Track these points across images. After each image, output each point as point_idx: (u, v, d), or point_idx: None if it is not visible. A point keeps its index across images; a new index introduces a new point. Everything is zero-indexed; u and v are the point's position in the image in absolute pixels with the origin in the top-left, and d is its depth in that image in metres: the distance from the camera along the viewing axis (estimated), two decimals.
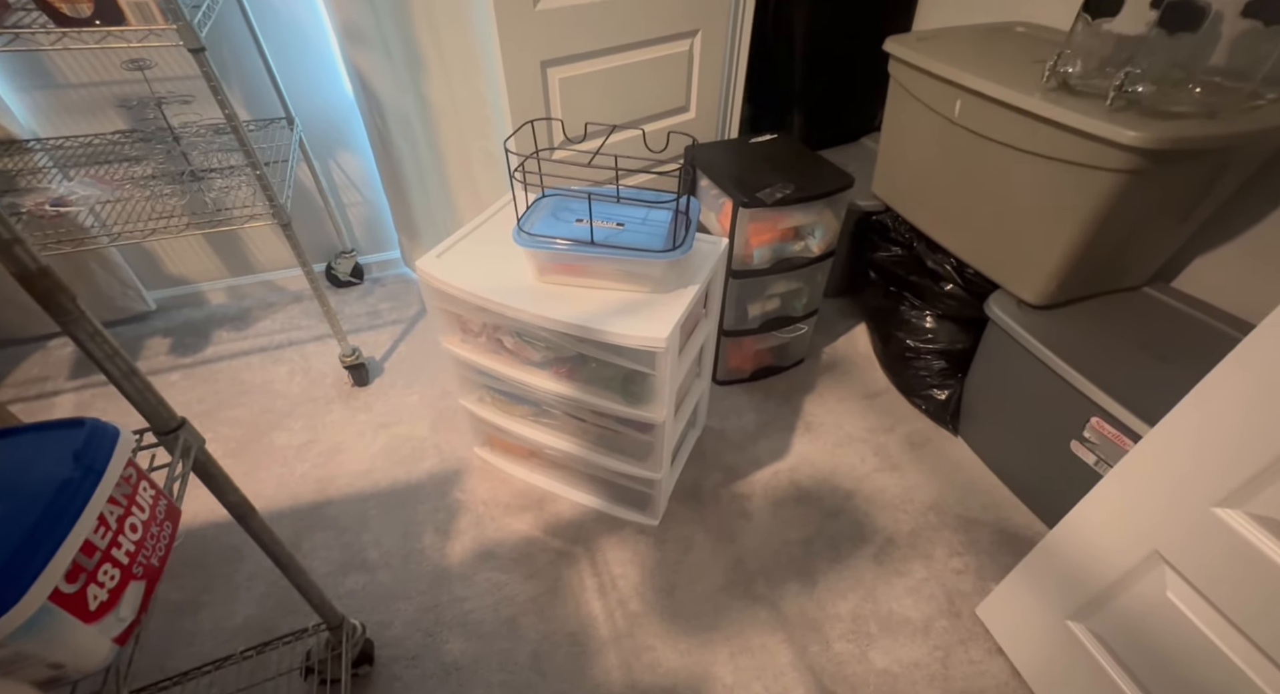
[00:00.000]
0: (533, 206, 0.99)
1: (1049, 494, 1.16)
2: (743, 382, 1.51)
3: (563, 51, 1.21)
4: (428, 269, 0.97)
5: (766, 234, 1.26)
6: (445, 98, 1.38)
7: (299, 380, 1.46)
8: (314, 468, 1.27)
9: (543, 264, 0.95)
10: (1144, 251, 1.12)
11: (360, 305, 1.70)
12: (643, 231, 0.94)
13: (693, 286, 0.96)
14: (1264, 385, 0.60)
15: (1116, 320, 1.12)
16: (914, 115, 1.28)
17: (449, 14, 1.23)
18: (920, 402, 1.40)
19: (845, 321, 1.67)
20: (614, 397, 1.01)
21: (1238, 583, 0.64)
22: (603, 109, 1.36)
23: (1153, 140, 0.86)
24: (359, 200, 1.65)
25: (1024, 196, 1.08)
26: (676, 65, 1.41)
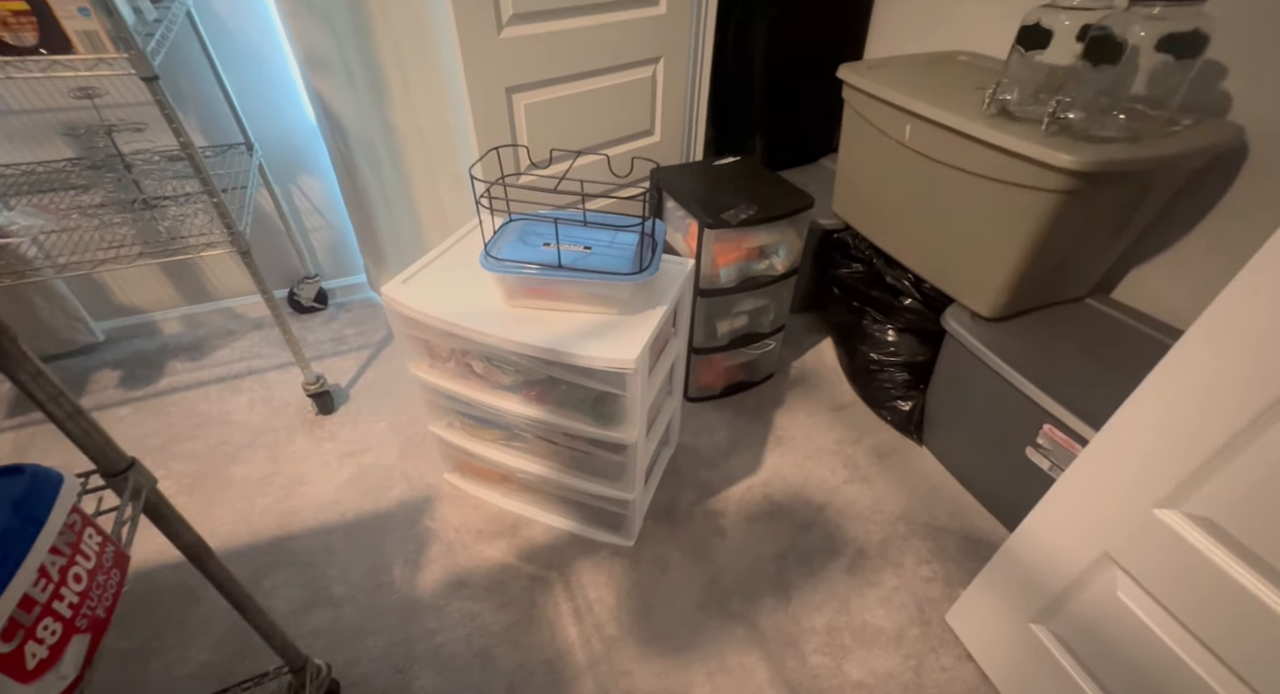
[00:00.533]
0: (500, 231, 0.99)
1: (1009, 499, 1.21)
2: (714, 398, 1.53)
3: (527, 78, 1.23)
4: (393, 295, 0.96)
5: (732, 253, 1.29)
6: (410, 123, 1.38)
7: (259, 410, 1.41)
8: (275, 501, 1.22)
9: (511, 288, 0.95)
10: (1084, 265, 1.19)
11: (325, 331, 1.66)
12: (610, 254, 0.96)
13: (660, 307, 0.97)
14: (1189, 392, 0.64)
15: (1063, 330, 1.18)
16: (868, 138, 1.34)
17: (413, 41, 1.24)
18: (885, 413, 1.44)
19: (812, 336, 1.71)
20: (585, 418, 1.01)
21: (1181, 582, 0.68)
22: (569, 133, 1.38)
23: (1084, 163, 0.92)
24: (323, 225, 1.63)
25: (972, 215, 1.14)
26: (640, 91, 1.45)
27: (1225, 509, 0.64)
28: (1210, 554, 0.64)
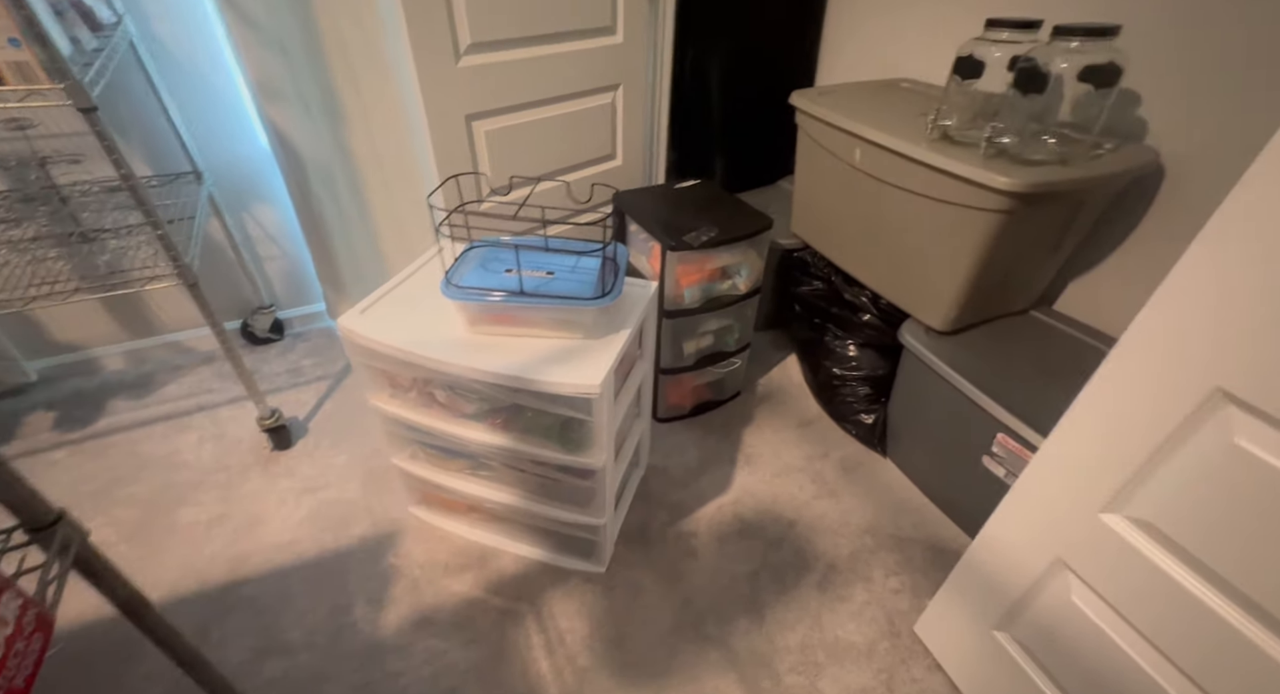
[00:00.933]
0: (461, 258, 0.99)
1: (969, 508, 1.24)
2: (683, 418, 1.53)
3: (487, 106, 1.24)
4: (351, 326, 0.93)
5: (695, 274, 1.31)
6: (369, 149, 1.37)
7: (210, 449, 1.35)
8: (227, 545, 1.16)
9: (473, 315, 0.94)
10: (1026, 279, 1.25)
11: (281, 363, 1.61)
12: (573, 279, 0.96)
13: (625, 331, 0.97)
14: (1121, 401, 0.68)
15: (1011, 342, 1.23)
16: (821, 161, 1.40)
17: (370, 67, 1.23)
18: (850, 427, 1.47)
19: (777, 353, 1.74)
20: (552, 445, 1.00)
21: (1129, 585, 0.70)
22: (531, 159, 1.39)
23: (1019, 185, 0.97)
24: (278, 254, 1.58)
25: (921, 234, 1.19)
26: (601, 117, 1.47)
27: (1163, 512, 0.67)
28: (1153, 557, 0.68)
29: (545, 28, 1.25)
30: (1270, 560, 0.59)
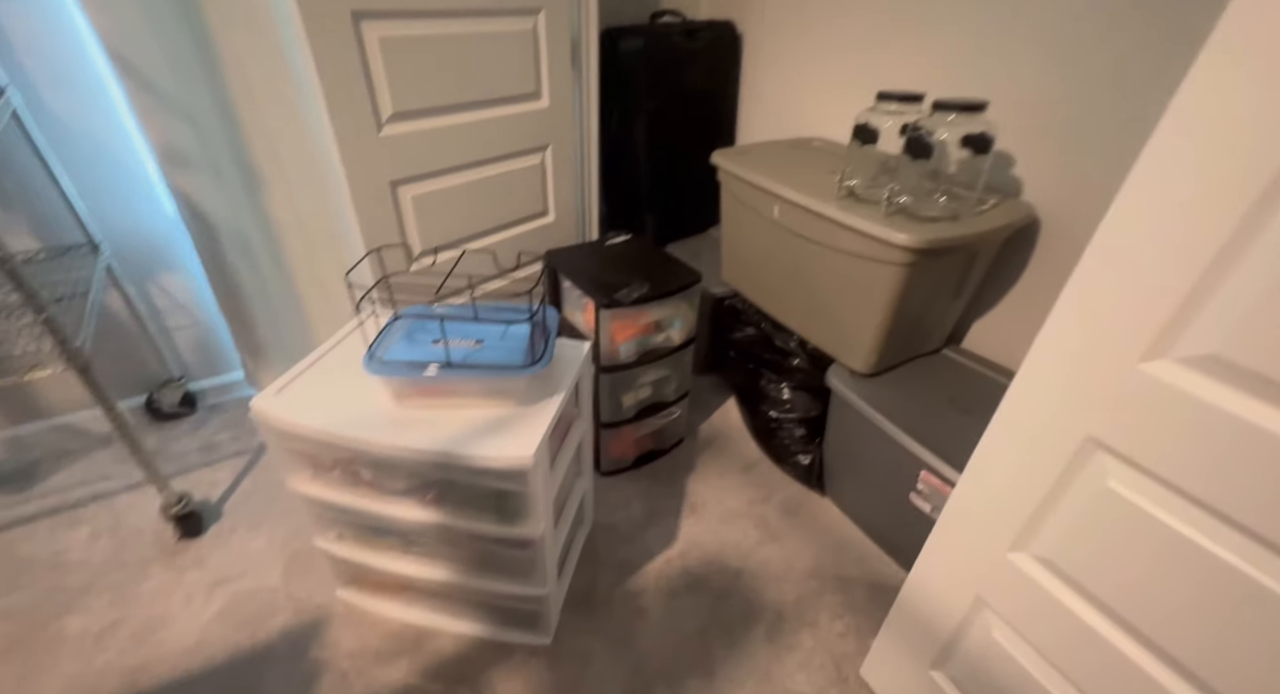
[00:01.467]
0: (385, 330, 0.96)
1: (903, 543, 1.29)
2: (627, 469, 1.53)
3: (412, 171, 1.24)
4: (266, 409, 0.88)
5: (629, 329, 1.33)
6: (290, 214, 1.33)
7: (104, 544, 1.22)
8: (121, 655, 1.04)
9: (399, 390, 0.92)
10: (935, 322, 1.35)
11: (192, 439, 1.49)
12: (502, 347, 0.96)
13: (558, 395, 0.97)
14: (1016, 446, 0.73)
15: (927, 381, 1.31)
16: (743, 216, 1.47)
17: (288, 134, 1.21)
18: (789, 468, 1.51)
19: (717, 396, 1.78)
20: (488, 517, 0.97)
21: (1039, 621, 0.75)
22: (461, 220, 1.39)
23: (917, 241, 1.06)
24: (189, 322, 1.49)
25: (838, 283, 1.27)
26: (531, 176, 1.50)
27: (1060, 551, 0.72)
28: (1056, 593, 0.72)
29: (470, 96, 1.27)
30: (1149, 593, 0.64)
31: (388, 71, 1.10)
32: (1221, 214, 0.51)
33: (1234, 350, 0.53)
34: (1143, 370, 0.60)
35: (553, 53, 1.37)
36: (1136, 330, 0.59)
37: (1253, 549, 0.56)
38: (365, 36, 1.05)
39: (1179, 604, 0.62)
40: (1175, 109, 0.52)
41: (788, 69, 1.70)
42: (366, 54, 1.07)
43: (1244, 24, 0.48)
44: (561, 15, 1.35)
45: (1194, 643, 0.61)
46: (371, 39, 1.06)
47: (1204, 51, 0.50)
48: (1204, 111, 0.51)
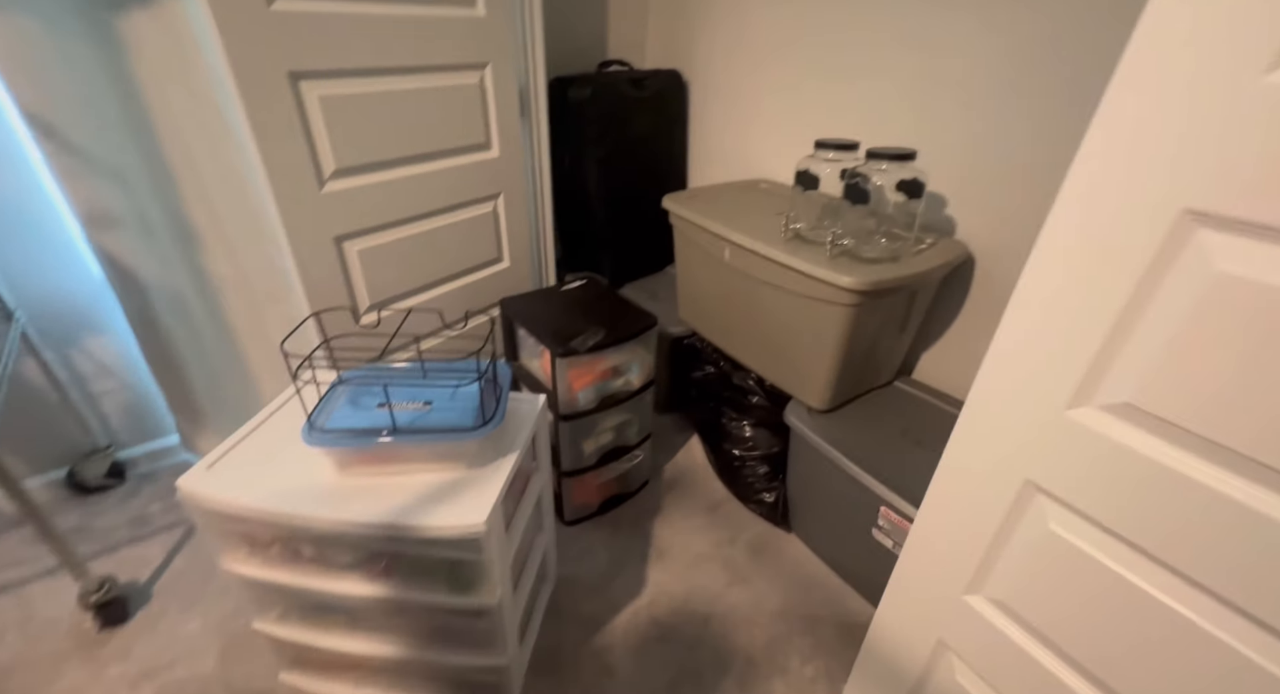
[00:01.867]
0: (326, 396, 0.92)
1: (869, 579, 1.29)
2: (592, 516, 1.50)
3: (358, 226, 1.22)
4: (195, 488, 0.83)
5: (587, 376, 1.32)
6: (229, 269, 1.28)
7: (10, 642, 1.10)
8: None
9: (342, 459, 0.88)
10: (884, 357, 1.39)
11: (120, 513, 1.38)
12: (452, 409, 0.93)
13: (512, 454, 0.95)
14: (964, 488, 0.75)
15: (881, 413, 1.34)
16: (696, 257, 1.50)
17: (228, 190, 1.17)
18: (754, 506, 1.51)
19: (681, 435, 1.78)
20: (442, 588, 0.92)
21: (998, 662, 0.75)
22: (412, 271, 1.36)
23: (861, 283, 1.09)
24: (117, 387, 1.40)
25: (790, 322, 1.29)
26: (484, 224, 1.49)
27: (1012, 593, 0.73)
28: (1011, 634, 0.73)
29: (417, 149, 1.26)
30: (1095, 633, 0.65)
31: (329, 129, 1.09)
32: (1119, 278, 0.55)
33: (1143, 399, 0.56)
34: (1070, 417, 0.62)
35: (501, 104, 1.39)
36: (1061, 379, 0.62)
37: (1179, 586, 0.58)
38: (304, 96, 1.04)
39: (1123, 644, 0.63)
40: (1071, 179, 0.56)
41: (733, 114, 1.76)
42: (306, 112, 1.05)
43: (1121, 103, 0.52)
44: (508, 68, 1.37)
45: (1140, 683, 0.63)
46: (311, 98, 1.05)
47: (1090, 128, 0.54)
48: (1094, 183, 0.55)
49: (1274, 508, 0.50)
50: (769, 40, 1.57)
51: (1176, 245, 0.51)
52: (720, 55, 1.73)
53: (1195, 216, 0.49)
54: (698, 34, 1.76)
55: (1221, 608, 0.55)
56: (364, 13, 1.08)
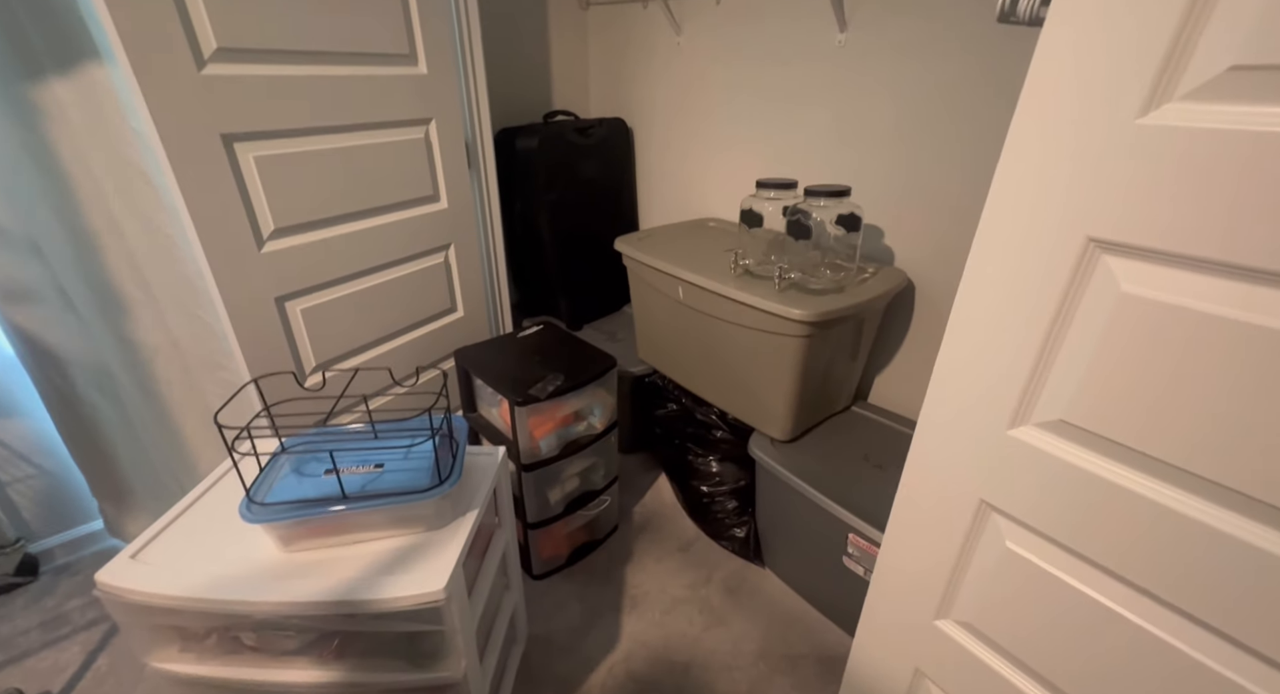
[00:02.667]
0: (268, 467, 0.87)
1: (844, 608, 1.28)
2: (562, 568, 1.44)
3: (301, 285, 1.18)
4: (116, 582, 0.76)
5: (548, 424, 1.29)
6: (162, 338, 1.21)
7: None
8: None
9: (286, 534, 0.82)
10: (839, 383, 1.42)
11: (30, 615, 1.24)
12: (406, 469, 0.89)
13: (472, 512, 0.91)
14: (923, 513, 0.76)
15: (841, 439, 1.36)
16: (651, 297, 1.52)
17: (157, 257, 1.12)
18: (726, 543, 1.49)
19: (648, 475, 1.75)
20: (400, 665, 0.86)
21: (973, 687, 0.75)
22: (361, 327, 1.32)
23: (810, 315, 1.13)
24: (30, 473, 1.28)
25: (746, 357, 1.32)
26: (435, 275, 1.47)
27: (979, 615, 0.74)
28: (982, 656, 0.74)
29: (363, 204, 1.25)
30: (1060, 649, 0.66)
31: (267, 189, 1.06)
32: (1040, 302, 0.58)
33: (1075, 415, 0.59)
34: (1012, 436, 0.65)
35: (447, 157, 1.40)
36: (1000, 400, 0.64)
37: (1133, 598, 0.59)
38: (240, 158, 1.02)
39: (1089, 660, 0.64)
40: (988, 211, 0.60)
41: (677, 157, 1.83)
42: (242, 174, 1.03)
43: (1021, 144, 0.56)
44: (454, 122, 1.39)
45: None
46: (246, 159, 1.03)
47: (999, 164, 0.58)
48: (1007, 215, 0.59)
49: (1204, 514, 0.52)
50: (704, 89, 1.66)
51: (1086, 270, 0.55)
52: (660, 104, 1.80)
53: (1098, 244, 0.53)
54: (637, 85, 1.84)
55: (1171, 615, 0.57)
56: (302, 74, 1.08)
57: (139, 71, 0.87)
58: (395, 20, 1.20)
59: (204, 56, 0.94)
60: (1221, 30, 0.43)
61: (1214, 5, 0.43)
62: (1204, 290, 0.48)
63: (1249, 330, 0.46)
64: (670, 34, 1.66)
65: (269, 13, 1.00)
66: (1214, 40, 0.43)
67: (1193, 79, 0.45)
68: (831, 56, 1.34)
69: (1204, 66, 0.44)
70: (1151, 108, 0.47)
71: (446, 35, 1.32)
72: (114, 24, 0.84)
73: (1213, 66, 0.44)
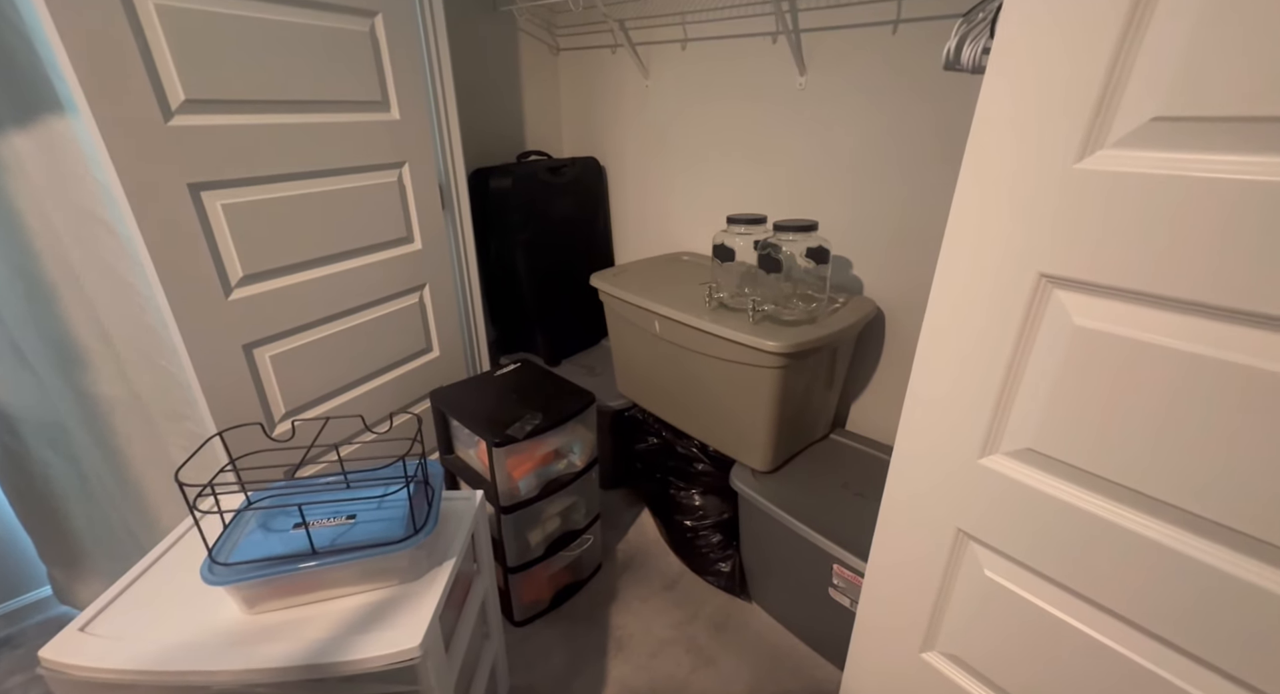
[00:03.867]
0: (232, 524, 0.84)
1: (833, 641, 1.26)
2: (544, 613, 1.40)
3: (271, 331, 1.16)
4: (61, 657, 0.71)
5: (527, 463, 1.27)
6: (121, 389, 1.16)
7: None
8: None
9: (250, 595, 0.78)
10: (817, 412, 1.43)
11: None
12: (380, 519, 0.86)
13: (449, 561, 0.88)
14: (902, 547, 0.77)
15: (821, 468, 1.37)
16: (628, 332, 1.53)
17: (117, 307, 1.09)
18: (712, 578, 1.46)
19: (631, 510, 1.73)
20: None
21: None
22: (332, 370, 1.30)
23: (785, 346, 1.14)
24: None
25: (724, 389, 1.32)
26: (410, 316, 1.46)
27: (964, 646, 0.74)
28: (971, 689, 0.73)
29: (335, 248, 1.24)
30: (1044, 676, 0.66)
31: (235, 237, 1.05)
32: (1001, 334, 0.60)
33: (1041, 443, 0.61)
34: (983, 465, 0.66)
35: (421, 199, 1.41)
36: (970, 430, 0.66)
37: (1110, 623, 0.60)
38: (207, 206, 1.01)
39: (1072, 689, 0.64)
40: (945, 247, 0.63)
41: (649, 194, 1.87)
42: (210, 222, 1.02)
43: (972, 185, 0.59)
44: (427, 164, 1.41)
45: None
46: (214, 207, 1.02)
47: (954, 202, 0.61)
48: (964, 251, 0.62)
49: (1164, 536, 0.54)
50: (673, 128, 1.71)
51: (1040, 304, 0.57)
52: (631, 143, 1.85)
53: (1050, 279, 0.56)
54: (608, 126, 1.89)
55: (1151, 642, 0.58)
56: (274, 123, 1.08)
57: (103, 125, 0.86)
58: (368, 69, 1.22)
59: (171, 108, 0.94)
60: (1142, 85, 0.46)
61: (1134, 63, 0.46)
62: (1147, 322, 0.51)
63: (1189, 359, 0.49)
64: (639, 77, 1.72)
65: (239, 64, 1.01)
66: (1137, 94, 0.47)
67: (1121, 128, 0.48)
68: (794, 97, 1.40)
69: (1130, 117, 0.48)
70: (1086, 154, 0.50)
71: (419, 81, 1.34)
72: (78, 78, 0.84)
73: (1137, 117, 0.47)
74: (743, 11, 1.42)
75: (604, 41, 1.76)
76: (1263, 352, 0.45)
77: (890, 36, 1.20)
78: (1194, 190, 0.45)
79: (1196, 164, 0.45)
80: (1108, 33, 0.46)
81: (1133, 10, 0.45)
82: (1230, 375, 0.47)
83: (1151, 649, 0.57)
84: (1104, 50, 0.47)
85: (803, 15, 1.31)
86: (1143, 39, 0.45)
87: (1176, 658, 0.56)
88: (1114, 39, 0.46)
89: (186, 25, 0.93)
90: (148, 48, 0.90)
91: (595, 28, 1.75)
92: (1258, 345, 0.45)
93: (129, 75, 0.88)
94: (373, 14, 1.21)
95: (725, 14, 1.45)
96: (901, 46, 1.19)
